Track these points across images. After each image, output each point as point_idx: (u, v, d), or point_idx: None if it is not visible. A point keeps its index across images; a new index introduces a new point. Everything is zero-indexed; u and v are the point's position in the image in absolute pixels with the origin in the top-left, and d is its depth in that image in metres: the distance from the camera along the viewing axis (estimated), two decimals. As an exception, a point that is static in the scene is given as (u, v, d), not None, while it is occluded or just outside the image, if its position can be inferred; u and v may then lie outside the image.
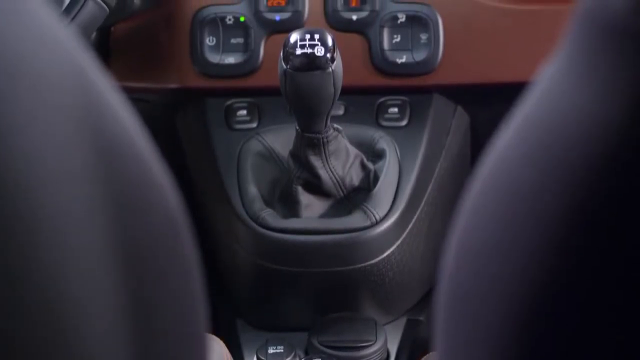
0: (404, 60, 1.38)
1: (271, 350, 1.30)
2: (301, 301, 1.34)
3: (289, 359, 1.28)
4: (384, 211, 1.26)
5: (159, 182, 0.46)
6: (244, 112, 1.39)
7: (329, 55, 1.15)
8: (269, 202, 1.28)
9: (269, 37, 1.39)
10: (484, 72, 1.40)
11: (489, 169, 0.43)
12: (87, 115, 0.41)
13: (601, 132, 0.37)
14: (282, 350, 1.29)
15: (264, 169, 1.31)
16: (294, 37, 1.16)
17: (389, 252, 1.27)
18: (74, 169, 0.40)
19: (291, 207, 1.26)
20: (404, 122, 1.37)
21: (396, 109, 1.38)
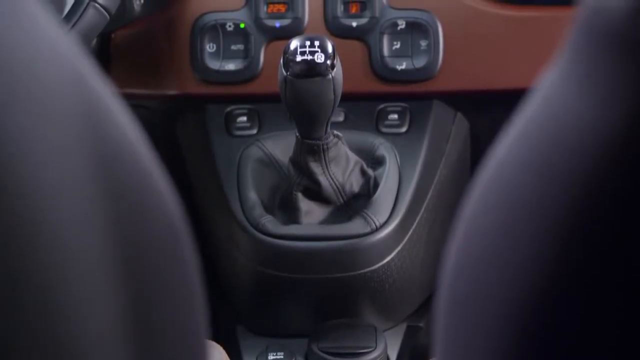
0: (403, 66, 1.38)
1: (271, 356, 1.30)
2: (301, 307, 1.34)
3: (288, 365, 1.28)
4: (384, 218, 1.26)
5: (159, 188, 0.46)
6: (244, 118, 1.39)
7: (329, 62, 1.15)
8: (269, 209, 1.28)
9: (269, 43, 1.39)
10: (484, 78, 1.40)
11: (489, 176, 0.44)
12: (88, 121, 0.42)
13: (601, 139, 0.37)
14: (282, 356, 1.29)
15: (264, 175, 1.31)
16: (294, 43, 1.16)
17: (388, 258, 1.27)
18: (74, 175, 0.40)
19: (291, 214, 1.26)
20: (404, 129, 1.38)
21: (396, 116, 1.38)
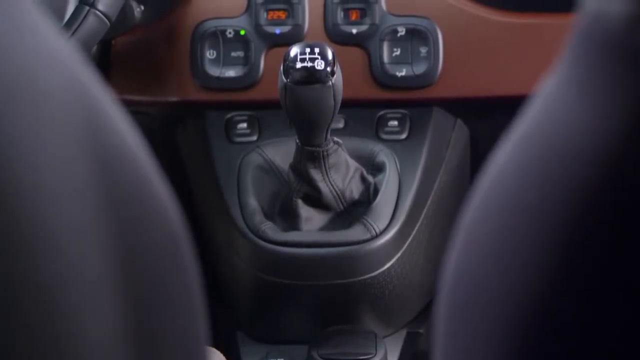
0: (403, 73, 1.38)
1: (271, 363, 1.30)
2: (301, 314, 1.34)
3: (289, 372, 1.28)
4: (384, 224, 1.26)
5: (159, 194, 0.46)
6: (244, 125, 1.39)
7: (329, 68, 1.15)
8: (269, 215, 1.28)
9: (269, 50, 1.40)
10: (484, 85, 1.40)
11: (489, 182, 0.44)
12: (88, 128, 0.42)
13: (601, 146, 0.37)
14: (282, 363, 1.30)
15: (264, 182, 1.31)
16: (294, 50, 1.16)
17: (388, 264, 1.27)
18: (75, 182, 0.40)
19: (291, 220, 1.26)
20: (403, 135, 1.38)
21: (396, 122, 1.38)
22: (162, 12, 1.44)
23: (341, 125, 1.38)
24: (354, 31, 1.39)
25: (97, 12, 1.21)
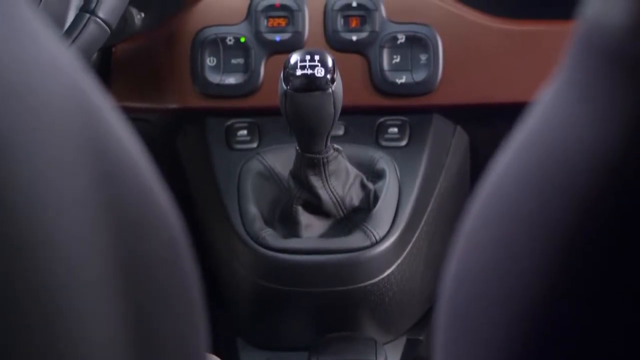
0: (403, 80, 1.38)
1: (271, 369, 1.30)
2: (301, 320, 1.34)
3: (289, 379, 1.28)
4: (384, 231, 1.26)
5: (160, 201, 0.46)
6: (245, 132, 1.39)
7: (329, 76, 1.16)
8: (269, 222, 1.28)
9: (269, 57, 1.40)
10: (484, 92, 1.40)
11: (489, 189, 0.44)
12: (88, 136, 0.42)
13: (600, 152, 0.37)
14: (282, 369, 1.29)
15: (264, 188, 1.31)
16: (294, 58, 1.16)
17: (388, 271, 1.27)
18: (75, 188, 0.40)
19: (291, 227, 1.26)
20: (403, 142, 1.38)
21: (396, 129, 1.38)
22: (163, 19, 1.44)
23: (341, 132, 1.38)
24: (354, 38, 1.39)
25: (98, 19, 1.22)
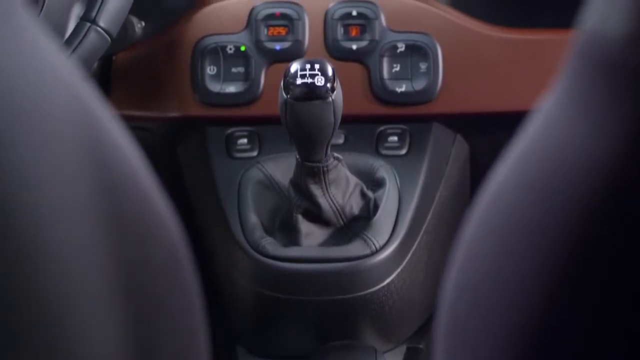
0: (403, 89, 1.38)
1: (271, 378, 1.29)
2: (301, 329, 1.34)
3: (289, 387, 1.28)
4: (384, 240, 1.26)
5: (160, 210, 0.46)
6: (245, 140, 1.39)
7: (329, 85, 1.16)
8: (269, 231, 1.28)
9: (269, 66, 1.40)
10: (484, 101, 1.40)
11: (489, 198, 0.44)
12: (89, 146, 0.42)
13: (599, 162, 0.37)
14: (282, 378, 1.29)
15: (264, 197, 1.31)
16: (294, 66, 1.16)
17: (388, 280, 1.27)
18: (76, 198, 0.40)
19: (291, 236, 1.26)
20: (403, 151, 1.38)
21: (396, 138, 1.39)
22: (163, 28, 1.44)
23: (341, 140, 1.38)
24: (354, 47, 1.40)
25: (99, 28, 1.22)
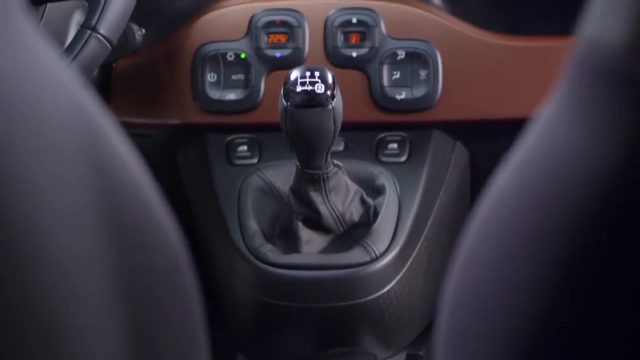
0: (403, 96, 1.38)
1: (271, 385, 1.29)
2: (301, 336, 1.34)
3: (288, 394, 1.28)
4: (384, 246, 1.26)
5: (160, 217, 0.46)
6: (245, 147, 1.40)
7: (329, 92, 1.16)
8: (269, 238, 1.28)
9: (269, 73, 1.40)
10: (483, 108, 1.40)
11: (489, 204, 0.44)
12: (89, 153, 0.42)
13: (599, 170, 0.38)
14: (282, 385, 1.29)
15: (264, 204, 1.31)
16: (295, 74, 1.16)
17: (388, 287, 1.27)
18: (76, 205, 0.40)
19: (291, 243, 1.26)
20: (403, 158, 1.38)
21: (396, 145, 1.39)
22: (163, 35, 1.44)
23: (341, 148, 1.39)
24: (354, 54, 1.40)
25: (99, 35, 1.22)
